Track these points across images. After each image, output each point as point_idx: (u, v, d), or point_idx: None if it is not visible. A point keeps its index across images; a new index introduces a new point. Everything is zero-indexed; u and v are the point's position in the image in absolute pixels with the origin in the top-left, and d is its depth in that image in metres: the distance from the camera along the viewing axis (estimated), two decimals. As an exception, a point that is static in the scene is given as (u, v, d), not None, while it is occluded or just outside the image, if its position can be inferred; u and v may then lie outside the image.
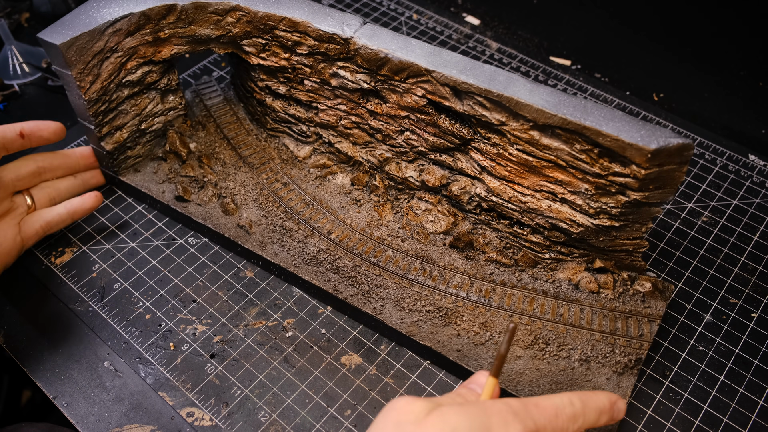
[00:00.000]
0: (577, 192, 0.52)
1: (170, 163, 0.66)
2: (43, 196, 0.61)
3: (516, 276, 0.59)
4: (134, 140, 0.65)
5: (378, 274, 0.58)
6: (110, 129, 0.62)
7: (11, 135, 0.56)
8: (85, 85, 0.56)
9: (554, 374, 0.52)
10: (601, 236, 0.53)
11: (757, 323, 0.59)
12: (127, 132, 0.63)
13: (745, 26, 0.93)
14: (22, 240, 0.58)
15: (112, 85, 0.59)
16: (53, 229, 0.60)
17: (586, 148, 0.48)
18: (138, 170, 0.66)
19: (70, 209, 0.60)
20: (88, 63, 0.56)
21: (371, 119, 0.60)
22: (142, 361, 0.55)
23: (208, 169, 0.65)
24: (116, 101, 0.60)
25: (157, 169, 0.66)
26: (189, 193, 0.63)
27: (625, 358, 0.53)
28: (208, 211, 0.63)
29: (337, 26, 0.55)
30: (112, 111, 0.61)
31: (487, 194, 0.57)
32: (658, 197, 0.48)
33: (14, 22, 0.87)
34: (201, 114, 0.70)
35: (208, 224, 0.61)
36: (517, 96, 0.49)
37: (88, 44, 0.55)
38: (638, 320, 0.55)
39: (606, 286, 0.57)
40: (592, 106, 0.48)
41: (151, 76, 0.62)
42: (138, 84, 0.61)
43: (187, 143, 0.67)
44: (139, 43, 0.59)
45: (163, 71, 0.63)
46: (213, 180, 0.65)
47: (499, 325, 0.55)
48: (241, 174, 0.66)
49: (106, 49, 0.56)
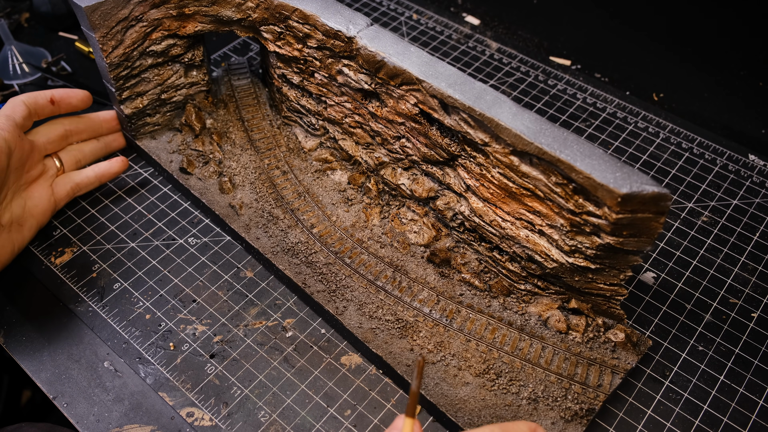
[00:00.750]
0: (554, 226, 0.49)
1: (184, 135, 0.69)
2: (70, 158, 0.64)
3: (486, 302, 0.57)
4: (154, 109, 0.67)
5: (348, 275, 0.58)
6: (131, 94, 0.64)
7: (43, 101, 0.60)
8: (107, 48, 0.59)
9: (499, 407, 0.50)
10: (576, 276, 0.51)
11: (757, 323, 0.59)
12: (148, 100, 0.66)
13: (745, 26, 0.93)
14: (55, 201, 0.62)
15: (135, 52, 0.61)
16: (82, 191, 0.64)
17: (561, 182, 0.46)
18: (154, 137, 0.69)
19: (98, 172, 0.64)
20: (111, 28, 0.58)
21: (372, 121, 0.60)
22: (142, 361, 0.55)
23: (217, 146, 0.67)
24: (139, 68, 0.63)
25: (171, 138, 0.69)
26: (193, 167, 0.66)
27: (577, 405, 0.50)
28: (206, 187, 0.64)
29: (344, 24, 0.55)
30: (134, 77, 0.63)
31: (470, 214, 0.56)
32: (634, 245, 0.46)
33: (14, 22, 0.87)
34: (226, 93, 0.72)
35: (203, 199, 0.63)
36: (498, 118, 0.47)
37: (113, 10, 0.57)
38: (601, 369, 0.52)
39: (576, 329, 0.55)
40: (573, 140, 0.45)
41: (176, 50, 0.64)
42: (162, 55, 0.64)
43: (203, 119, 0.69)
44: (164, 15, 0.61)
45: (188, 46, 0.65)
46: (218, 158, 0.66)
47: (455, 348, 0.54)
48: (245, 156, 0.67)
49: (131, 18, 0.59)
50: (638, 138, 0.76)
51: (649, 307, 0.60)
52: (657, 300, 0.61)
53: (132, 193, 0.67)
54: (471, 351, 0.54)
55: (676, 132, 0.76)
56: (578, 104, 0.79)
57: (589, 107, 0.79)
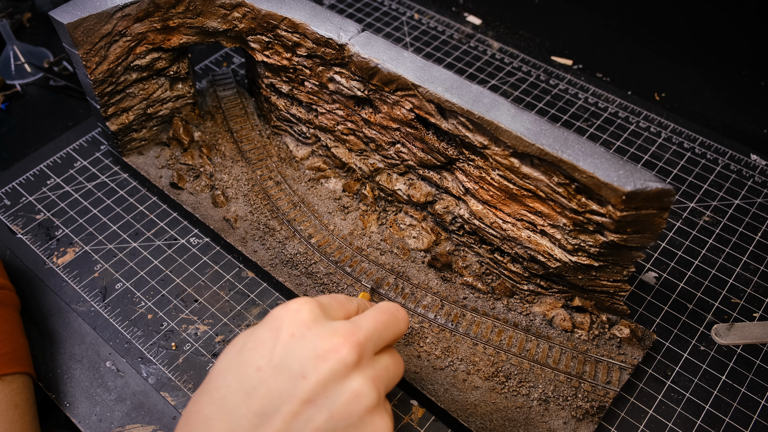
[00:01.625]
0: (556, 226, 0.49)
1: (172, 150, 0.67)
2: None
3: (490, 304, 0.57)
4: (140, 124, 0.66)
5: (350, 284, 0.58)
6: (116, 110, 0.63)
7: None
8: (91, 65, 0.58)
9: (510, 410, 0.50)
10: (579, 274, 0.51)
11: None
12: (134, 115, 0.64)
13: (747, 26, 0.93)
14: None
15: (119, 68, 0.60)
16: None
17: (563, 182, 0.46)
18: (142, 153, 0.68)
19: None
20: (95, 44, 0.57)
21: (365, 128, 0.59)
22: (144, 361, 0.55)
23: (207, 159, 0.66)
24: (124, 84, 0.62)
25: (159, 153, 0.68)
26: (184, 181, 0.64)
27: (587, 404, 0.50)
28: (198, 201, 0.63)
29: (334, 31, 0.55)
30: (119, 93, 0.62)
31: (469, 217, 0.56)
32: (638, 242, 0.46)
33: (16, 22, 0.87)
34: (212, 104, 0.71)
35: (196, 214, 0.62)
36: (498, 120, 0.47)
37: (95, 26, 0.56)
38: (609, 366, 0.53)
39: (581, 327, 0.55)
40: (574, 140, 0.45)
41: (160, 63, 0.63)
42: (146, 69, 0.62)
43: (191, 132, 0.68)
44: (147, 29, 0.60)
45: (172, 59, 0.64)
46: (209, 171, 0.65)
47: (462, 352, 0.54)
48: (237, 168, 0.66)
49: (114, 33, 0.57)
50: (640, 138, 0.75)
51: (651, 307, 0.60)
52: (659, 300, 0.61)
53: (134, 193, 0.67)
54: (479, 354, 0.54)
55: (678, 132, 0.76)
56: (580, 104, 0.79)
57: (590, 107, 0.79)
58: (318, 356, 0.35)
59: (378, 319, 0.39)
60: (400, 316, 0.41)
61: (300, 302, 0.38)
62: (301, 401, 0.34)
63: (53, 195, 0.67)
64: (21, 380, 0.50)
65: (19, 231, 0.63)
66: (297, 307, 0.38)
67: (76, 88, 0.79)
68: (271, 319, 0.38)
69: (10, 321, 0.52)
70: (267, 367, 0.36)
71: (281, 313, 0.38)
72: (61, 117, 0.76)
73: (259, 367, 0.36)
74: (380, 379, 0.37)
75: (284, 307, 0.38)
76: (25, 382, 0.50)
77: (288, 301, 0.38)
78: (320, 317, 0.38)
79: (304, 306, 0.38)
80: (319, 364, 0.35)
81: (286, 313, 0.37)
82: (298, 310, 0.37)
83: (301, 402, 0.34)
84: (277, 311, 0.38)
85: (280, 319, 0.37)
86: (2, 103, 0.76)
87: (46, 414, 0.62)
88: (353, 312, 0.41)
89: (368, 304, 0.44)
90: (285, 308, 0.38)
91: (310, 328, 0.37)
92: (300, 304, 0.38)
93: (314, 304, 0.38)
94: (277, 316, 0.38)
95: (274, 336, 0.37)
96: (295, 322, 0.37)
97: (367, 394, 0.35)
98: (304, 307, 0.38)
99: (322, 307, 0.39)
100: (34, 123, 0.76)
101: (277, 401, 0.35)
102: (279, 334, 0.37)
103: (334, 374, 0.35)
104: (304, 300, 0.38)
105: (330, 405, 0.35)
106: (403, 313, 0.42)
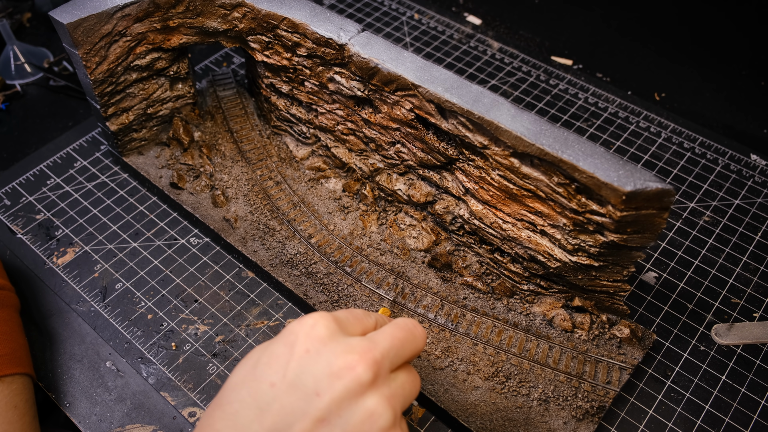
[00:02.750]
0: (556, 226, 0.49)
1: (172, 149, 0.67)
2: None
3: (490, 304, 0.57)
4: (140, 124, 0.66)
5: (350, 284, 0.58)
6: (116, 110, 0.63)
7: None
8: (91, 65, 0.57)
9: (510, 410, 0.50)
10: (579, 274, 0.51)
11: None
12: (134, 115, 0.64)
13: (747, 26, 0.93)
14: None
15: (119, 68, 0.60)
16: None
17: (563, 182, 0.46)
18: (141, 153, 0.68)
19: None
20: (95, 44, 0.57)
21: (365, 128, 0.59)
22: (144, 361, 0.55)
23: (207, 159, 0.66)
24: (123, 84, 0.62)
25: (159, 153, 0.68)
26: (184, 181, 0.64)
27: (587, 404, 0.50)
28: (198, 201, 0.63)
29: (334, 31, 0.55)
30: (119, 93, 0.62)
31: (469, 217, 0.56)
32: (638, 242, 0.46)
33: (16, 22, 0.87)
34: (212, 104, 0.71)
35: (196, 214, 0.62)
36: (498, 120, 0.47)
37: (95, 26, 0.56)
38: (609, 366, 0.53)
39: (581, 327, 0.55)
40: (574, 140, 0.45)
41: (161, 63, 0.63)
42: (146, 69, 0.62)
43: (191, 132, 0.68)
44: (147, 29, 0.59)
45: (172, 59, 0.64)
46: (209, 171, 0.65)
47: (462, 352, 0.54)
48: (237, 168, 0.66)
49: (114, 33, 0.57)
50: (640, 138, 0.75)
51: (651, 307, 0.60)
52: (659, 300, 0.61)
53: (134, 193, 0.67)
54: (479, 354, 0.54)
55: (678, 132, 0.76)
56: (580, 104, 0.79)
57: (590, 107, 0.79)
58: (333, 373, 0.34)
59: (395, 335, 0.38)
60: (418, 332, 0.40)
61: (316, 317, 0.37)
62: (315, 419, 0.34)
63: (53, 195, 0.67)
64: (21, 381, 0.50)
65: (19, 231, 0.63)
66: (312, 322, 0.37)
67: (76, 88, 0.79)
68: (286, 334, 0.37)
69: (9, 321, 0.52)
70: (281, 383, 0.35)
71: (296, 328, 0.37)
72: (61, 117, 0.76)
73: (272, 383, 0.35)
74: (396, 397, 0.36)
75: (300, 322, 0.37)
76: (24, 382, 0.50)
77: (304, 316, 0.38)
78: (336, 333, 0.37)
79: (320, 321, 0.37)
80: (334, 382, 0.34)
81: (302, 328, 0.37)
82: (314, 325, 0.37)
83: (314, 420, 0.34)
84: (293, 326, 0.37)
85: (295, 334, 0.37)
86: (2, 103, 0.76)
87: (46, 414, 0.62)
88: (371, 327, 0.40)
89: (387, 319, 0.43)
90: (300, 323, 0.37)
91: (325, 344, 0.36)
92: (316, 319, 0.37)
93: (330, 320, 0.37)
94: (292, 330, 0.37)
95: (289, 351, 0.36)
96: (311, 338, 0.36)
97: (382, 414, 0.34)
98: (319, 322, 0.37)
99: (339, 323, 0.38)
100: (34, 123, 0.76)
101: (290, 419, 0.34)
102: (294, 349, 0.36)
103: (349, 392, 0.34)
104: (320, 315, 0.37)
105: (344, 424, 0.34)
106: (421, 330, 0.40)
